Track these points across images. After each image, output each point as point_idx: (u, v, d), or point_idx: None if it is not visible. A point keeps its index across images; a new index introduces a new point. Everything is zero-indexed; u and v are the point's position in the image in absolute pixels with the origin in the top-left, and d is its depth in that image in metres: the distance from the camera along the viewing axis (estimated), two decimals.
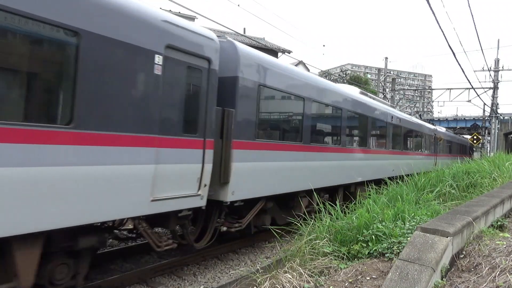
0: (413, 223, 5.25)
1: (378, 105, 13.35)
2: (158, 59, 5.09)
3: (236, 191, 6.53)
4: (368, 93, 14.13)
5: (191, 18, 20.62)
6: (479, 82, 39.02)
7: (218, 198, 6.41)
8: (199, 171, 5.80)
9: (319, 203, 6.43)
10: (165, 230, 7.51)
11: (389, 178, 10.19)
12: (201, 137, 5.85)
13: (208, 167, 5.97)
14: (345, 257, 4.81)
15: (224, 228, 7.03)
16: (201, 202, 5.90)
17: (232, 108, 6.48)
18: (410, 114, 20.31)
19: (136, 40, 4.79)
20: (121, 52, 4.63)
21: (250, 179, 6.86)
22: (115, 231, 6.36)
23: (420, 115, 34.05)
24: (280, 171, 7.71)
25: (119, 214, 4.84)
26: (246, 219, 7.21)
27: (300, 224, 5.70)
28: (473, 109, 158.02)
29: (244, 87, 6.68)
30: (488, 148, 37.66)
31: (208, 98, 5.94)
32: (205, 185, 5.94)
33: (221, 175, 6.36)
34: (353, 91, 12.09)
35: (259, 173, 7.10)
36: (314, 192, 7.74)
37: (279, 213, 8.30)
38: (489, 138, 37.87)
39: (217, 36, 6.43)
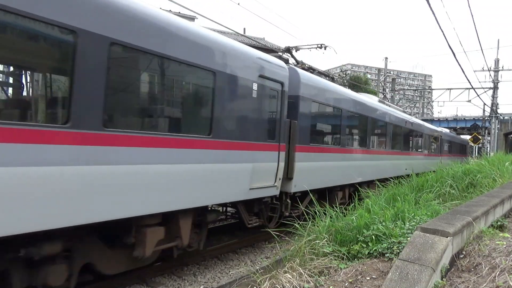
0: (413, 223, 5.24)
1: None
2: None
3: (297, 184, 8.16)
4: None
5: (191, 18, 20.56)
6: (479, 82, 39.02)
7: (285, 190, 8.02)
8: (275, 168, 7.49)
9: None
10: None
11: None
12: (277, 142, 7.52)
13: (281, 164, 7.63)
14: (345, 257, 4.81)
15: (287, 214, 8.21)
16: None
17: (295, 120, 8.06)
18: (410, 114, 20.00)
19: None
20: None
21: (306, 175, 8.53)
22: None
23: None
24: (323, 169, 9.33)
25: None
26: (303, 206, 8.15)
27: (300, 224, 5.70)
28: (473, 109, 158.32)
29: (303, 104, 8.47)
30: (488, 148, 37.63)
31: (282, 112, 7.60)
32: (279, 179, 7.63)
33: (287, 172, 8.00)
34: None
35: (312, 170, 8.84)
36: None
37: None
38: (489, 138, 37.85)
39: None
